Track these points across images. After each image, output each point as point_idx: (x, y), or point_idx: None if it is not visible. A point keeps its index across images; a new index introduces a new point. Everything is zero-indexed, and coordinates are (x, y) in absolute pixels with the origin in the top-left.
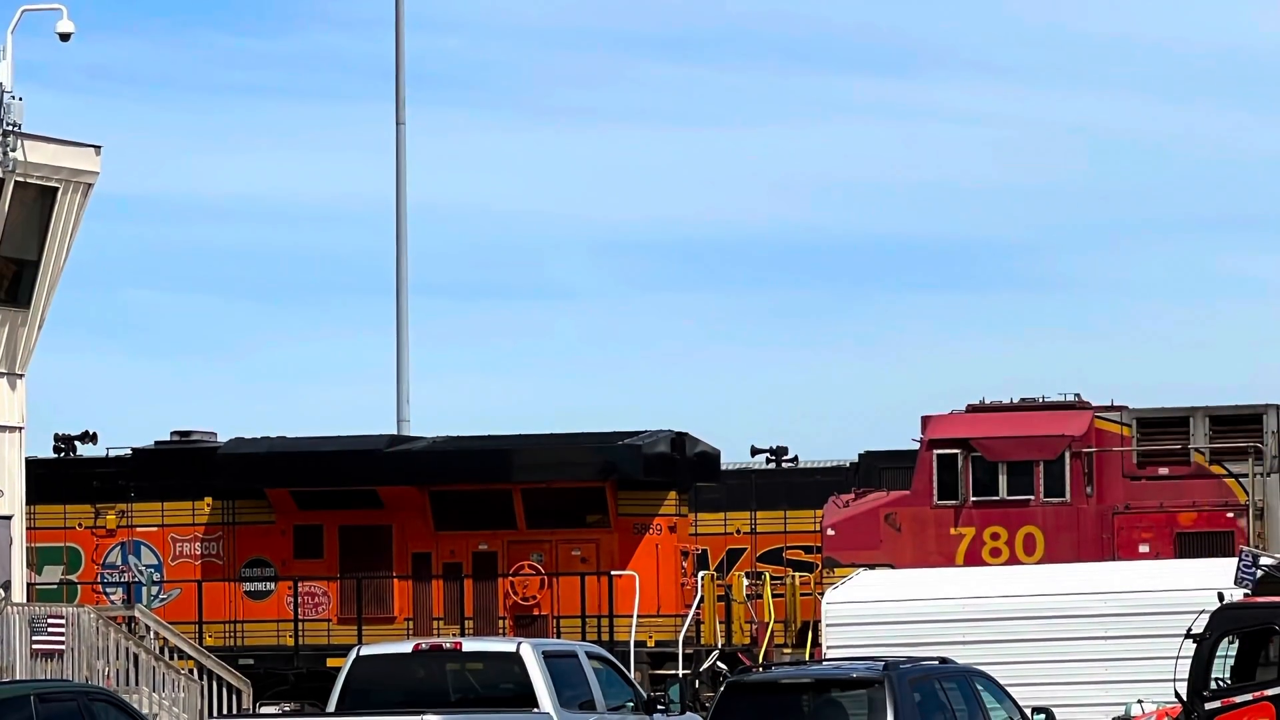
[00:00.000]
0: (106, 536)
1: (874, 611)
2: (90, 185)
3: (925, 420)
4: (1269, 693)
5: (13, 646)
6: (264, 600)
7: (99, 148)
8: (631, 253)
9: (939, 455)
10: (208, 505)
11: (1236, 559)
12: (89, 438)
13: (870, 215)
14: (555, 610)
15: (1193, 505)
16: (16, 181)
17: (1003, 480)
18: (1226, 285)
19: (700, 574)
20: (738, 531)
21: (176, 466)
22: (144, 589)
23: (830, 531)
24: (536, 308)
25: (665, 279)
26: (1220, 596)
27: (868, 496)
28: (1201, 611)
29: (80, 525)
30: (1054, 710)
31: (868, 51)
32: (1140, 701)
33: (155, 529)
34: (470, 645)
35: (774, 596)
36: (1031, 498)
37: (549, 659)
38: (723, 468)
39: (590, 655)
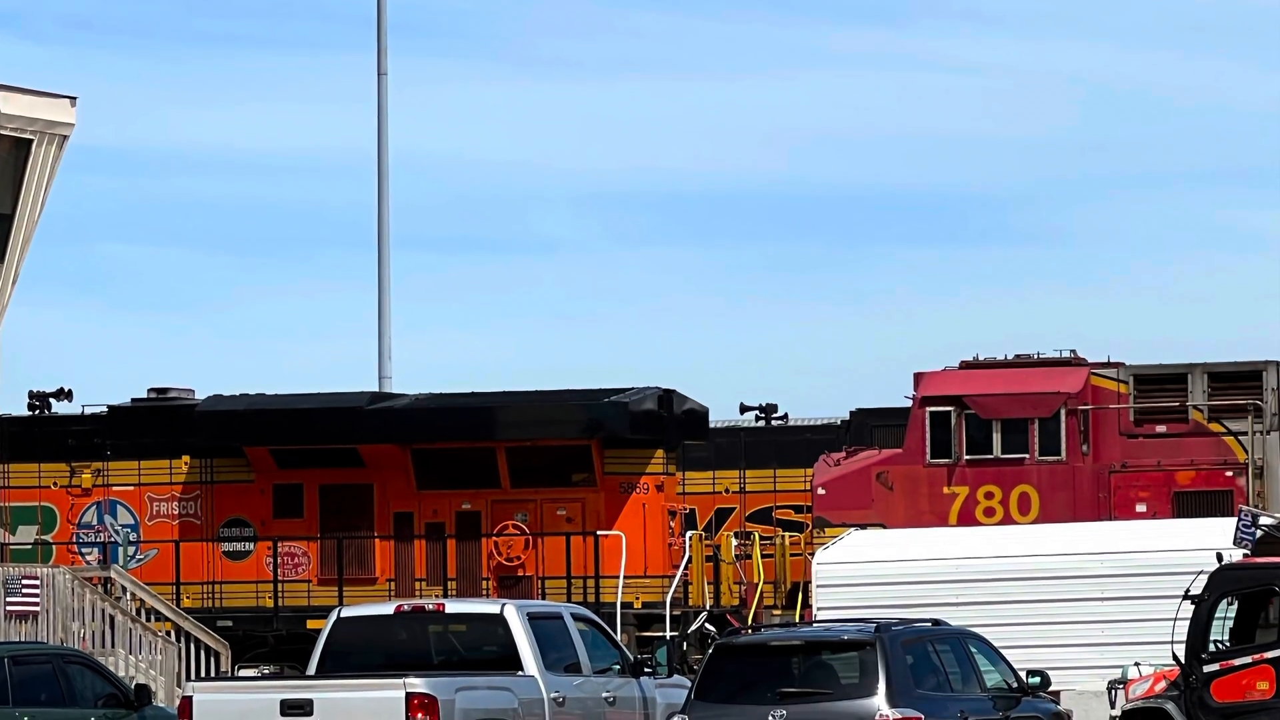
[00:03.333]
0: (82, 496)
1: (865, 572)
2: (65, 137)
3: (918, 377)
4: (1269, 655)
5: None
6: (243, 561)
7: (74, 99)
8: (617, 205)
9: (932, 413)
10: (185, 464)
11: (1235, 519)
12: (64, 395)
13: (862, 168)
14: (540, 571)
15: (1191, 464)
16: None
17: (997, 438)
18: (1225, 239)
19: (688, 534)
20: (726, 491)
21: (153, 424)
22: (120, 549)
23: (821, 490)
24: (521, 262)
25: (652, 232)
26: (1219, 557)
27: (859, 455)
28: (1200, 572)
29: (55, 484)
30: (1049, 673)
31: (859, 0)
32: (1137, 664)
33: (131, 488)
34: (453, 607)
35: (763, 557)
36: (1026, 456)
37: (533, 621)
38: (711, 425)
39: (576, 617)
